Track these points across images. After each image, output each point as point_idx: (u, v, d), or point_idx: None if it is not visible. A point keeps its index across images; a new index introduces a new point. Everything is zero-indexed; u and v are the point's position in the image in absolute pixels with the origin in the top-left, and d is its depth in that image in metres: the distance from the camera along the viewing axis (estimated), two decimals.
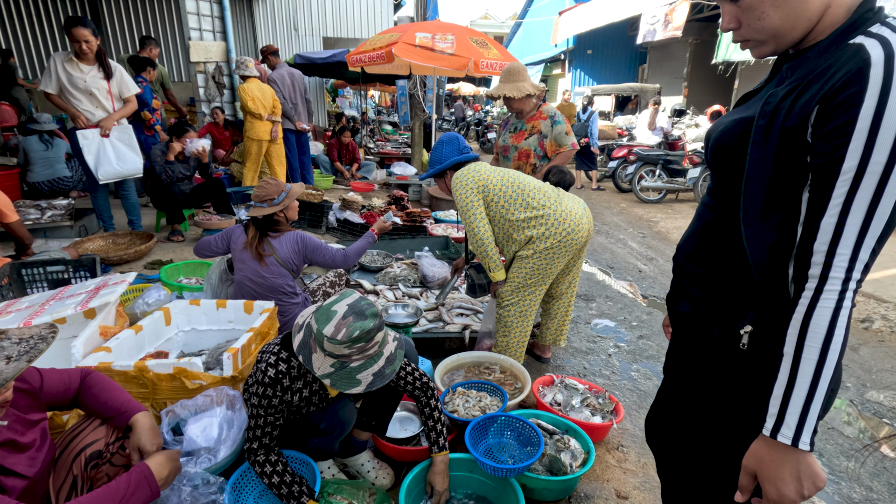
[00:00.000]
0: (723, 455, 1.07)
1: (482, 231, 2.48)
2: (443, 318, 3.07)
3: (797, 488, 0.85)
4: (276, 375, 1.54)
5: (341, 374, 1.43)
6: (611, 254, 5.43)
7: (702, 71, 14.21)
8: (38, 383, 1.37)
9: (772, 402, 0.87)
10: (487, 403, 2.22)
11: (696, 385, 1.14)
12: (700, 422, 1.15)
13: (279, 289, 2.58)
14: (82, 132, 3.94)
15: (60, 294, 2.41)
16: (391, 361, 1.49)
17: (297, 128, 6.46)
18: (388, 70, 7.89)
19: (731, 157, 0.98)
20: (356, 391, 1.42)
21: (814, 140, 0.84)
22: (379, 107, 22.85)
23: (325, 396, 1.74)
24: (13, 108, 7.59)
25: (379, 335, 1.47)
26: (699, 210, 1.14)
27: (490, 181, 2.49)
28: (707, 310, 1.06)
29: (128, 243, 4.12)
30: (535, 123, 3.47)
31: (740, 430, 1.00)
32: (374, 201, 5.73)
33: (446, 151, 2.59)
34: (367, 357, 1.45)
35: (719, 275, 1.04)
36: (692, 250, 1.11)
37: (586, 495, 2.00)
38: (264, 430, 1.57)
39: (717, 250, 1.04)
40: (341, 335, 1.39)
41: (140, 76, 5.42)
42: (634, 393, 2.78)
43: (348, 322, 1.40)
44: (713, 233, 1.06)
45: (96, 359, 1.92)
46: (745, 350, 0.97)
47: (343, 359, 1.43)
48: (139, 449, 1.41)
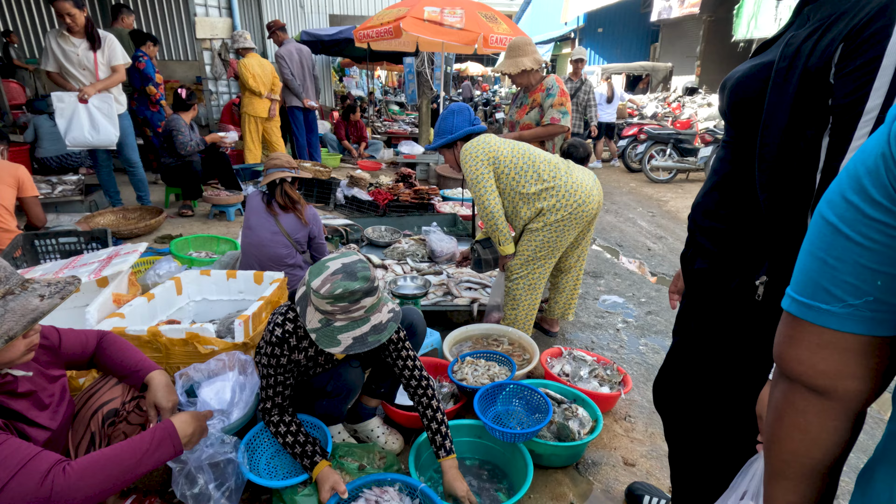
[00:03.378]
0: (735, 407, 1.07)
1: (493, 204, 2.45)
2: (451, 292, 3.08)
3: None
4: (282, 335, 1.57)
5: (325, 331, 1.44)
6: (619, 232, 5.39)
7: (716, 49, 13.88)
8: (58, 341, 1.40)
9: None
10: (496, 372, 2.23)
11: (710, 341, 1.14)
12: (713, 377, 1.15)
13: (280, 259, 2.61)
14: (58, 94, 3.85)
15: (73, 263, 2.43)
16: (378, 331, 1.46)
17: (304, 105, 6.41)
18: (395, 46, 7.78)
19: (748, 103, 0.96)
20: (335, 351, 1.42)
21: (836, 80, 0.81)
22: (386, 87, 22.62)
23: (331, 357, 1.75)
24: (21, 87, 7.61)
25: (367, 300, 1.45)
26: (714, 166, 1.12)
27: (500, 153, 2.46)
28: (723, 264, 1.05)
29: (138, 218, 4.15)
30: (536, 97, 3.42)
31: (753, 382, 1.00)
32: (381, 179, 5.71)
33: (457, 122, 2.55)
34: (351, 319, 1.44)
35: (735, 228, 1.02)
36: (708, 206, 1.10)
37: (594, 462, 2.02)
38: (276, 389, 1.60)
39: (733, 203, 1.02)
40: (324, 290, 1.40)
41: (140, 51, 5.36)
42: (642, 366, 2.78)
43: (335, 279, 1.41)
44: (729, 186, 1.04)
45: (110, 324, 1.95)
46: (761, 301, 0.96)
47: (328, 316, 1.44)
48: (155, 406, 1.44)
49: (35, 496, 1.04)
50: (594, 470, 1.98)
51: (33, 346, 1.17)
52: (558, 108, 3.31)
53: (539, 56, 3.38)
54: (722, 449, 1.24)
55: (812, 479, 0.59)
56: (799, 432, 0.57)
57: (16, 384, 1.20)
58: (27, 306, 1.08)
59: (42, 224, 3.16)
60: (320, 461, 1.58)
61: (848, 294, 0.49)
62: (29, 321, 1.07)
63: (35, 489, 1.04)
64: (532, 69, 3.33)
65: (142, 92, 5.55)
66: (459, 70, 24.57)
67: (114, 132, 4.05)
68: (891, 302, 0.47)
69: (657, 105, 11.53)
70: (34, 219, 3.12)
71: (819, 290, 0.51)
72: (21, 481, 1.03)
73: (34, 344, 1.17)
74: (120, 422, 1.50)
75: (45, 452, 1.10)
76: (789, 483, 0.60)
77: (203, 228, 4.49)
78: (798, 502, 0.61)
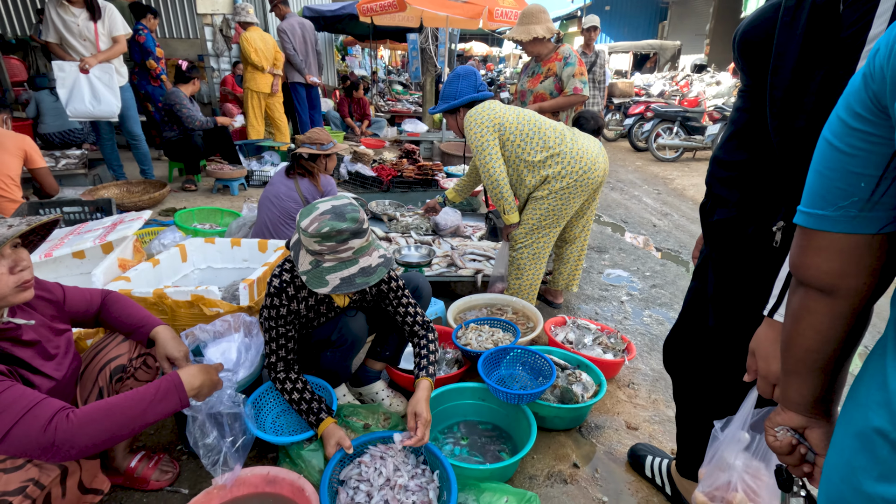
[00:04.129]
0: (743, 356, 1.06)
1: (498, 171, 2.43)
2: (455, 263, 3.07)
3: None
4: (280, 284, 1.58)
5: (315, 272, 1.46)
6: (625, 209, 5.36)
7: (725, 27, 13.61)
8: (62, 296, 1.40)
9: (775, 284, 0.87)
10: (500, 338, 2.23)
11: (727, 290, 1.13)
12: (727, 326, 1.15)
13: (290, 213, 2.74)
14: (59, 63, 3.81)
15: (78, 230, 2.44)
16: (366, 273, 1.46)
17: (307, 81, 6.34)
18: (399, 21, 7.66)
19: (758, 47, 0.94)
20: (322, 291, 1.43)
21: (844, 9, 0.79)
22: (389, 67, 22.34)
23: (332, 306, 1.76)
24: (23, 63, 7.54)
25: (355, 241, 1.45)
26: (731, 117, 1.10)
27: (506, 119, 2.42)
28: (741, 213, 1.04)
29: (141, 191, 4.14)
30: (551, 65, 3.36)
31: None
32: (385, 155, 5.67)
33: (462, 86, 2.50)
34: (339, 260, 1.46)
35: (752, 176, 1.01)
36: (725, 156, 1.09)
37: (597, 425, 2.03)
38: (279, 342, 1.60)
39: (750, 150, 1.01)
40: (312, 228, 1.42)
41: (140, 24, 5.28)
42: (646, 336, 2.78)
43: (324, 219, 1.43)
44: (745, 134, 1.03)
45: (116, 287, 1.96)
46: (778, 247, 0.95)
47: (318, 257, 1.46)
48: (167, 358, 1.46)
49: (38, 442, 1.05)
50: (597, 433, 1.99)
51: (24, 283, 1.16)
52: (579, 78, 3.30)
53: (552, 25, 3.32)
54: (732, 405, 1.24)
55: (821, 373, 0.68)
56: (811, 330, 0.66)
57: (19, 332, 1.20)
58: None
59: (56, 192, 3.19)
60: (326, 418, 1.59)
61: (839, 198, 0.58)
62: None
63: (38, 435, 1.05)
64: (544, 37, 3.27)
65: (142, 66, 5.49)
66: (464, 50, 24.24)
67: (115, 103, 4.01)
68: (872, 200, 0.55)
69: (664, 83, 11.36)
70: (48, 188, 3.13)
71: (818, 199, 0.60)
72: (25, 427, 1.05)
73: (24, 281, 1.16)
74: (128, 378, 1.51)
75: (49, 399, 1.11)
76: (801, 379, 0.70)
77: (207, 202, 4.48)
78: (809, 395, 0.70)
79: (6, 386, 1.07)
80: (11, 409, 1.05)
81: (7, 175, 2.89)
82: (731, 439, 1.01)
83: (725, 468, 1.01)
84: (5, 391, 1.06)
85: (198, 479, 1.68)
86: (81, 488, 1.21)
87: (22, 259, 1.17)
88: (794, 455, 0.74)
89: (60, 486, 1.15)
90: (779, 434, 0.76)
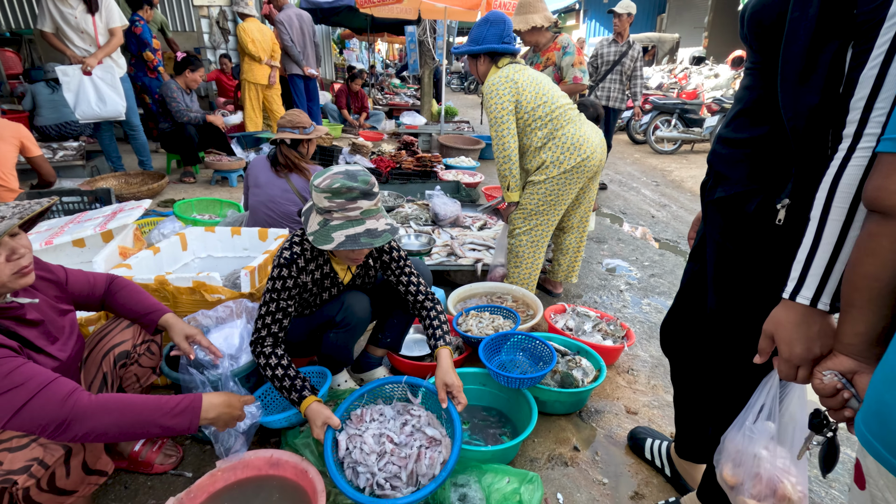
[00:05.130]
0: (747, 338, 1.07)
1: (511, 146, 2.39)
2: (455, 252, 3.08)
3: (809, 347, 0.85)
4: (291, 256, 1.61)
5: (322, 231, 1.50)
6: (623, 201, 5.36)
7: (724, 20, 13.58)
8: (63, 276, 1.41)
9: (794, 266, 0.86)
10: (500, 324, 2.24)
11: (728, 270, 1.13)
12: (726, 305, 1.15)
13: (291, 216, 2.60)
14: (62, 68, 3.85)
15: (79, 218, 2.43)
16: (371, 235, 1.50)
17: (304, 73, 6.31)
18: (397, 14, 7.61)
19: (768, 22, 0.94)
20: (327, 247, 1.47)
21: None
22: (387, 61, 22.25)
23: (337, 280, 1.78)
24: (17, 56, 7.49)
25: (363, 202, 1.50)
26: (738, 94, 1.10)
27: (523, 95, 2.37)
28: (743, 190, 1.04)
29: (140, 182, 4.13)
30: (550, 55, 3.36)
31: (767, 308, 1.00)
32: (383, 146, 5.66)
33: (488, 33, 2.38)
34: (347, 218, 1.50)
35: (757, 153, 1.01)
36: (729, 134, 1.09)
37: (597, 410, 2.05)
38: (275, 317, 1.59)
39: (756, 127, 1.01)
40: (324, 184, 1.48)
41: (136, 14, 5.23)
42: (645, 324, 2.80)
43: (336, 177, 1.49)
44: (751, 111, 1.03)
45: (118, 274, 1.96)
46: (781, 225, 0.96)
47: (326, 215, 1.51)
48: (186, 337, 1.50)
49: (55, 415, 1.06)
50: (597, 417, 2.01)
51: (22, 269, 1.16)
52: (579, 67, 3.31)
53: (549, 13, 3.32)
54: (730, 386, 1.25)
55: (878, 306, 0.71)
56: (873, 257, 0.70)
57: (23, 311, 1.21)
58: None
59: (54, 180, 3.19)
60: (309, 395, 1.53)
61: None
62: None
63: (57, 408, 1.06)
64: (542, 26, 3.26)
65: (139, 58, 5.45)
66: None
67: (121, 103, 4.07)
68: None
69: (663, 76, 11.35)
70: (46, 176, 3.13)
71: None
72: (43, 401, 1.06)
73: (22, 268, 1.16)
74: (131, 364, 1.52)
75: (64, 378, 1.12)
76: (861, 313, 0.73)
77: (206, 193, 4.48)
78: (866, 332, 0.73)
79: (20, 362, 1.08)
80: (28, 384, 1.06)
81: (3, 164, 2.88)
82: (761, 431, 1.02)
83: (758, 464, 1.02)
84: (21, 367, 1.07)
85: (201, 463, 1.69)
86: (85, 469, 1.21)
87: (20, 246, 1.16)
88: (837, 398, 0.77)
89: (64, 467, 1.16)
90: (825, 378, 0.78)
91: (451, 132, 7.18)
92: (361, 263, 1.79)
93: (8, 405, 1.04)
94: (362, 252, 1.61)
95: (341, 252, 1.58)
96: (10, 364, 1.06)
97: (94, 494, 1.54)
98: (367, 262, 1.83)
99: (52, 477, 1.14)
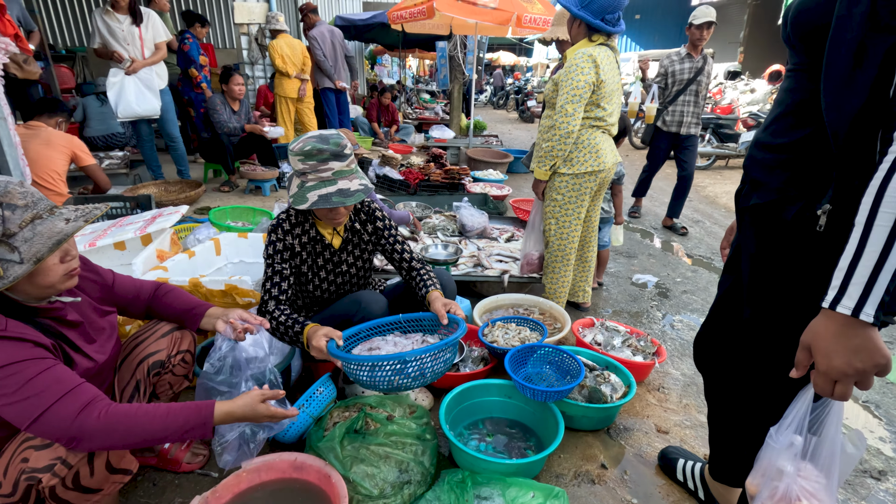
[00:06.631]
0: (784, 352, 1.02)
1: (574, 124, 2.30)
2: (482, 263, 3.07)
3: (849, 360, 0.80)
4: (277, 220, 1.76)
5: (299, 192, 1.61)
6: (654, 216, 5.25)
7: (760, 35, 13.30)
8: (111, 280, 1.46)
9: (835, 274, 0.82)
10: (527, 335, 2.21)
11: (764, 279, 1.09)
12: (762, 317, 1.11)
13: None
14: (113, 69, 4.13)
15: (120, 222, 2.54)
16: (343, 195, 1.60)
17: (336, 86, 6.47)
18: (428, 29, 7.76)
19: (813, 22, 0.91)
20: (302, 207, 1.58)
21: None
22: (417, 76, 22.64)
23: (325, 243, 1.83)
24: (71, 71, 7.95)
25: (335, 163, 1.61)
26: (778, 98, 1.07)
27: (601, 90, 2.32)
28: (782, 195, 1.00)
29: (178, 190, 4.29)
30: None
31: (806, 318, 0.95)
32: (412, 159, 5.73)
33: (593, 4, 2.23)
34: (319, 179, 1.61)
35: (797, 157, 0.98)
36: (768, 139, 1.06)
37: (625, 427, 1.98)
38: (273, 280, 1.70)
39: (796, 131, 0.98)
40: (297, 147, 1.60)
41: (188, 32, 5.49)
42: (676, 342, 2.71)
43: (308, 140, 1.61)
44: (791, 114, 1.00)
45: (154, 276, 2.03)
46: (822, 232, 0.92)
47: (302, 178, 1.63)
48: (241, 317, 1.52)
49: (64, 432, 1.06)
50: (626, 435, 1.95)
51: (72, 271, 1.20)
52: None
53: None
54: (767, 403, 1.19)
55: None
56: None
57: (64, 311, 1.24)
58: (53, 229, 1.11)
59: (108, 187, 3.39)
60: (308, 324, 1.61)
61: None
62: (55, 243, 1.09)
63: (66, 427, 1.06)
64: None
65: (185, 74, 5.71)
66: (491, 59, 24.37)
67: (156, 102, 4.30)
68: None
69: None
70: (101, 183, 3.35)
71: None
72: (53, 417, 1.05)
73: (72, 269, 1.20)
74: (165, 373, 1.53)
75: (83, 386, 1.12)
76: None
77: (240, 201, 4.61)
78: None
79: (46, 365, 1.09)
80: (45, 395, 1.06)
81: (53, 170, 3.04)
82: (786, 445, 0.97)
83: (779, 477, 0.97)
84: (43, 372, 1.08)
85: None
86: (109, 468, 1.21)
87: (71, 248, 1.21)
88: None
89: (88, 466, 1.16)
90: None
91: (479, 146, 7.22)
92: (350, 228, 1.88)
93: (25, 413, 1.05)
94: (340, 213, 1.69)
95: (321, 212, 1.68)
96: (34, 368, 1.07)
97: (124, 490, 1.57)
98: (356, 227, 1.90)
99: (77, 476, 1.14)
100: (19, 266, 1.06)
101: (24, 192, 1.11)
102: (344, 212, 1.70)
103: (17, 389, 1.04)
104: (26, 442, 1.13)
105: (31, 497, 1.13)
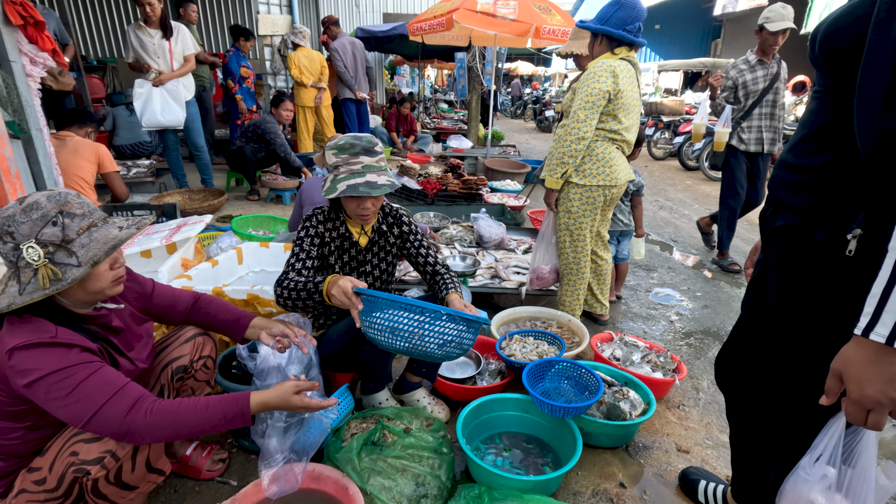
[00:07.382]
0: (811, 377, 1.00)
1: (587, 133, 2.30)
2: (499, 275, 3.06)
3: (883, 389, 0.78)
4: (311, 212, 1.87)
5: (331, 185, 1.73)
6: (674, 228, 5.19)
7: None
8: (151, 290, 1.51)
9: (868, 300, 0.80)
10: (545, 350, 2.20)
11: (791, 303, 1.07)
12: (787, 341, 1.09)
13: None
14: (139, 80, 4.26)
15: (147, 231, 2.61)
16: (370, 186, 1.70)
17: (356, 97, 6.57)
18: (448, 40, 7.83)
19: (844, 45, 0.90)
20: (331, 196, 1.70)
21: None
22: (435, 86, 22.82)
23: (353, 241, 1.89)
24: (101, 81, 8.23)
25: (365, 158, 1.74)
26: (804, 119, 1.06)
27: (618, 101, 2.31)
28: (809, 218, 0.99)
29: (202, 198, 4.39)
30: None
31: (835, 345, 0.93)
32: (430, 169, 5.77)
33: (614, 17, 2.27)
34: (350, 171, 1.73)
35: (825, 179, 0.97)
36: (794, 160, 1.04)
37: (645, 446, 1.95)
38: (298, 257, 1.77)
39: (825, 153, 0.97)
40: (332, 142, 1.76)
41: (234, 45, 5.69)
42: (697, 358, 2.67)
43: (345, 137, 1.76)
44: (820, 136, 0.98)
45: (179, 284, 2.07)
46: (852, 257, 0.90)
47: (335, 171, 1.75)
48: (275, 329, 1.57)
49: (117, 429, 1.12)
50: (645, 453, 1.92)
51: (119, 278, 1.26)
52: None
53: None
54: (794, 427, 1.17)
55: None
56: None
57: (109, 318, 1.30)
58: (108, 235, 1.18)
59: (126, 197, 3.44)
60: (328, 276, 1.60)
61: None
62: (110, 247, 1.16)
63: (118, 424, 1.12)
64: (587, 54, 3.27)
65: (225, 85, 5.91)
66: (509, 69, 24.46)
67: (181, 112, 4.41)
68: None
69: None
70: (119, 192, 3.39)
71: None
72: (106, 416, 1.11)
73: (120, 276, 1.26)
74: (188, 378, 1.58)
75: (130, 386, 1.17)
76: None
77: (261, 210, 4.69)
78: None
79: (94, 369, 1.15)
80: (95, 396, 1.11)
81: (81, 178, 3.13)
82: (818, 477, 0.95)
83: None
84: (92, 375, 1.13)
85: (246, 471, 1.73)
86: (148, 466, 1.27)
87: (119, 257, 1.27)
88: None
89: (131, 461, 1.22)
90: None
91: (497, 156, 7.23)
92: (377, 230, 1.92)
93: (80, 414, 1.11)
94: (367, 208, 1.76)
95: (350, 207, 1.77)
96: (84, 372, 1.13)
97: (148, 496, 1.61)
98: (382, 229, 1.93)
99: (120, 470, 1.20)
100: (77, 269, 1.13)
101: (81, 203, 1.19)
102: (371, 208, 1.77)
103: (70, 392, 1.10)
104: (75, 437, 1.19)
105: (73, 492, 1.18)
